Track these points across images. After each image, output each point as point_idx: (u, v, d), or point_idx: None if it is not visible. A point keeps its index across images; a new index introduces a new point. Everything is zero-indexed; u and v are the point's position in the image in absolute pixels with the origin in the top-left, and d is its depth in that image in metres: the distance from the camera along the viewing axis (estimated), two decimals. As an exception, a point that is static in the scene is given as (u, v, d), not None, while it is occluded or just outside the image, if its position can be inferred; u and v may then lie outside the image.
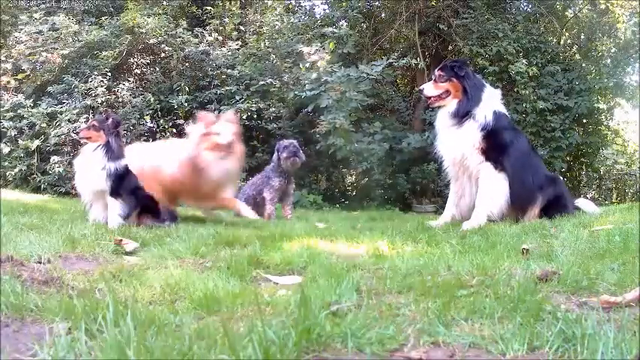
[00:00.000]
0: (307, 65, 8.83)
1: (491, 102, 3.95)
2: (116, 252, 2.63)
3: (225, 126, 3.99)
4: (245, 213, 4.41)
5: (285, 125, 9.38)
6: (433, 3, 10.50)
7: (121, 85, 9.33)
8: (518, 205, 3.89)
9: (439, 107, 4.10)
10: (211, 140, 3.92)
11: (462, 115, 3.88)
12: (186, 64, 10.20)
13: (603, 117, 11.38)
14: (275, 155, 5.31)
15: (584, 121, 10.21)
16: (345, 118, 8.09)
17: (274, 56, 9.97)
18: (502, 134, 3.88)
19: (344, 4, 9.68)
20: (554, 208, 3.85)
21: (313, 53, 8.77)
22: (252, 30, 11.91)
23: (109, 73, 9.23)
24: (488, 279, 1.78)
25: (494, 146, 3.82)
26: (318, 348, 1.24)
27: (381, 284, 1.83)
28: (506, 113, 4.12)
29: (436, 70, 4.20)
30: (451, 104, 3.98)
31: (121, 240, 2.73)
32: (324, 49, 8.93)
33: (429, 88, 4.12)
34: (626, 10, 11.90)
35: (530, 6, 11.19)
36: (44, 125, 8.85)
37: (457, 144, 3.90)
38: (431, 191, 9.59)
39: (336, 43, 9.25)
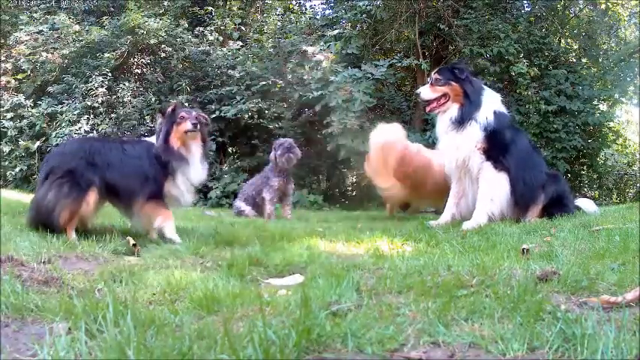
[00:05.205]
0: (311, 65, 8.84)
1: (491, 103, 3.92)
2: (116, 252, 2.63)
3: None
4: None
5: (287, 125, 9.39)
6: (433, 3, 10.49)
7: (121, 86, 9.34)
8: (520, 204, 3.88)
9: (438, 113, 3.97)
10: None
11: (464, 121, 3.81)
12: (187, 64, 10.21)
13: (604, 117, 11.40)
14: (272, 154, 5.32)
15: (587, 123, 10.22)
16: (355, 118, 8.12)
17: (279, 56, 9.98)
18: (503, 133, 3.86)
19: (359, 5, 9.66)
20: (556, 206, 3.84)
21: (318, 53, 8.78)
22: (253, 29, 11.93)
23: (110, 74, 9.24)
24: (488, 279, 1.78)
25: (495, 145, 3.80)
26: (318, 348, 1.24)
27: (381, 284, 1.82)
28: (506, 113, 4.09)
29: (433, 73, 4.08)
30: (452, 109, 3.89)
31: (135, 244, 2.71)
32: (328, 48, 8.93)
33: (426, 92, 3.97)
34: (625, 11, 11.92)
35: (530, 7, 11.19)
36: (44, 125, 8.86)
37: (459, 147, 3.84)
38: (431, 191, 9.56)
39: (342, 44, 9.27)
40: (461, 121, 3.83)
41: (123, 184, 3.07)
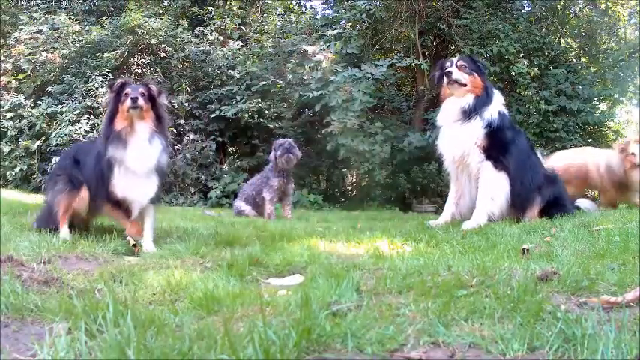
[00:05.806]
0: (311, 65, 8.84)
1: (497, 103, 3.95)
2: (116, 252, 2.63)
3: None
4: None
5: (287, 125, 9.39)
6: (433, 3, 10.49)
7: (121, 85, 9.32)
8: (517, 205, 3.88)
9: (451, 95, 3.96)
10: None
11: (473, 113, 3.83)
12: (187, 64, 10.20)
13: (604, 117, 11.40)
14: (272, 154, 5.32)
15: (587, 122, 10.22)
16: (355, 117, 8.12)
17: (279, 56, 9.98)
18: (503, 133, 3.86)
19: (358, 5, 9.65)
20: (554, 208, 3.84)
21: (318, 53, 8.78)
22: (253, 29, 11.91)
23: (110, 74, 9.23)
24: (488, 279, 1.78)
25: (495, 145, 3.80)
26: (318, 348, 1.24)
27: (381, 284, 1.82)
28: (507, 114, 4.09)
29: (456, 59, 4.07)
30: (465, 98, 3.88)
31: (135, 244, 2.72)
32: (328, 48, 8.93)
33: (457, 72, 3.93)
34: (624, 11, 11.92)
35: (530, 6, 11.19)
36: (44, 125, 8.86)
37: (459, 141, 3.85)
38: (431, 191, 9.58)
39: (342, 44, 9.27)
40: (470, 111, 3.84)
41: (89, 185, 2.94)
